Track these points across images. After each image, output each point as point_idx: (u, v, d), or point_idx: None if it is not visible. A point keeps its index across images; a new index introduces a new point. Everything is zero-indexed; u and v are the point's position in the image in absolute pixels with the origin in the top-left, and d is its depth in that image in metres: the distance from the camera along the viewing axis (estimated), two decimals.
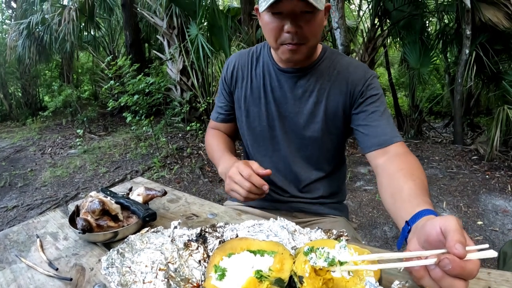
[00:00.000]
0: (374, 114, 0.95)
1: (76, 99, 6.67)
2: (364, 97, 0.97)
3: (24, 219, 3.10)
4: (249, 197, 0.84)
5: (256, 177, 0.83)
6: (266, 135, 1.09)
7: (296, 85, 1.03)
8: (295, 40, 0.88)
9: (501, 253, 1.19)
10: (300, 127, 1.04)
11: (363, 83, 0.98)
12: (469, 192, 3.17)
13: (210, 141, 1.17)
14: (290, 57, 0.93)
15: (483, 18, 3.97)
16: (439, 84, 6.66)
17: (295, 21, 0.86)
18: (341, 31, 3.83)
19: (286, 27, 0.87)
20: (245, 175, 0.83)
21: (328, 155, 1.09)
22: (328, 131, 1.03)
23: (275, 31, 0.90)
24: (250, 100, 1.09)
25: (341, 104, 1.00)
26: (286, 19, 0.86)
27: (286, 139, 1.07)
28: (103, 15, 7.11)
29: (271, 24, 0.89)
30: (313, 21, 0.87)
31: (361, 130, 0.97)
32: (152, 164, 4.26)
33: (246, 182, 0.82)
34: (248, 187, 0.82)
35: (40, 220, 0.87)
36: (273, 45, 0.95)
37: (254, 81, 1.08)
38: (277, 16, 0.87)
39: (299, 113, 1.03)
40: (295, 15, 0.85)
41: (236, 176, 0.84)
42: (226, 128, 1.21)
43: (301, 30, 0.87)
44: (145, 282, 0.52)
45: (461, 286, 0.47)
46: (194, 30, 4.65)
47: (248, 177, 0.82)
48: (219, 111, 1.19)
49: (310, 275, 0.49)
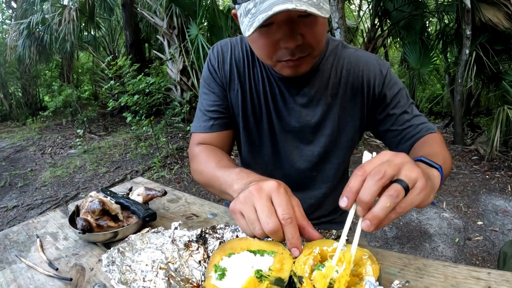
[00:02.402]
0: (402, 117, 0.84)
1: (76, 99, 6.68)
2: (387, 100, 0.84)
3: (24, 219, 3.10)
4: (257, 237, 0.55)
5: (295, 227, 0.52)
6: (267, 152, 0.94)
7: (299, 94, 0.86)
8: (297, 55, 0.69)
9: (501, 253, 1.18)
10: (306, 142, 0.90)
11: (382, 82, 0.84)
12: (469, 192, 3.17)
13: (205, 162, 0.81)
14: (293, 73, 0.75)
15: (483, 18, 3.97)
16: (439, 84, 6.66)
17: (293, 30, 0.65)
18: (341, 31, 3.83)
19: (283, 42, 0.66)
20: (281, 212, 0.52)
21: (334, 171, 0.96)
22: (337, 144, 0.90)
23: (267, 48, 0.69)
24: (249, 108, 0.89)
25: (357, 110, 0.87)
26: (280, 30, 0.65)
27: (289, 156, 0.92)
28: (103, 15, 7.12)
29: (260, 40, 0.68)
30: (316, 24, 0.67)
31: (391, 136, 0.86)
32: (152, 164, 4.26)
33: (272, 223, 0.51)
34: (271, 230, 0.51)
35: (40, 220, 0.87)
36: (268, 63, 0.76)
37: (253, 85, 0.88)
38: (267, 28, 0.66)
39: (305, 126, 0.88)
40: (292, 22, 0.64)
41: (262, 201, 0.53)
42: (222, 140, 0.91)
43: (302, 40, 0.67)
44: (146, 280, 0.52)
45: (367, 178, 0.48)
46: (194, 30, 4.65)
47: (284, 218, 0.51)
48: (212, 116, 0.89)
49: (309, 275, 0.49)
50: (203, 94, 0.93)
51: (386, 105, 0.85)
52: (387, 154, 0.51)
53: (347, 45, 0.90)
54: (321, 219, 1.04)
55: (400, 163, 0.49)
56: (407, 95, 0.87)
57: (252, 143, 0.94)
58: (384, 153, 0.51)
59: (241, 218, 0.56)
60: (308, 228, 0.55)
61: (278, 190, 0.54)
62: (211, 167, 0.78)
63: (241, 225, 0.56)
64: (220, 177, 0.73)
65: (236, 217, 0.57)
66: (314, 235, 0.55)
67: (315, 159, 0.91)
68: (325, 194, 0.99)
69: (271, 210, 0.52)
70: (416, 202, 0.49)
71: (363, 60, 0.86)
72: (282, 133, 0.91)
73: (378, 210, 0.47)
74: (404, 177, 0.48)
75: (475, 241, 2.42)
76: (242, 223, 0.56)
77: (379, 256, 0.51)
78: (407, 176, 0.48)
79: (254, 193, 0.54)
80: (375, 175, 0.47)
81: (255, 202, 0.53)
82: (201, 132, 0.91)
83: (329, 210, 1.06)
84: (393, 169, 0.48)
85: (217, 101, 0.90)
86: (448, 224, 2.66)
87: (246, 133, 0.93)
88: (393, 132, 0.86)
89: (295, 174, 0.94)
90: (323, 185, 0.98)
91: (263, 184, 0.55)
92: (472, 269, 0.58)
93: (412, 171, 0.49)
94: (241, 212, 0.55)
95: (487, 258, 2.23)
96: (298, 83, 0.85)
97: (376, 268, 0.49)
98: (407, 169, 0.49)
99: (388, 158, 0.50)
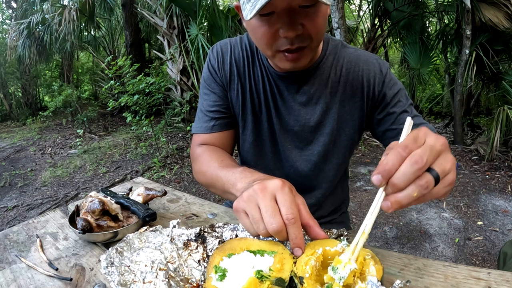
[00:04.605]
0: (402, 116, 0.83)
1: (76, 99, 6.68)
2: (387, 99, 0.84)
3: (24, 219, 3.10)
4: (260, 235, 0.55)
5: (299, 228, 0.52)
6: (267, 152, 0.94)
7: (299, 92, 0.86)
8: (296, 44, 0.69)
9: (501, 253, 1.18)
10: (306, 142, 0.90)
11: (382, 82, 0.84)
12: (469, 192, 3.17)
13: (208, 162, 0.81)
14: (291, 67, 0.74)
15: (483, 18, 3.97)
16: (439, 84, 6.66)
17: (294, 20, 0.65)
18: (341, 31, 3.82)
19: (282, 32, 0.67)
20: (285, 212, 0.51)
21: (334, 171, 0.95)
22: (337, 143, 0.90)
23: (267, 37, 0.69)
24: (249, 108, 0.89)
25: (356, 109, 0.86)
26: (280, 20, 0.66)
27: (289, 156, 0.92)
28: (103, 15, 7.12)
29: (260, 28, 0.69)
30: (317, 15, 0.67)
31: (391, 135, 0.85)
32: (152, 164, 4.26)
33: (276, 223, 0.50)
34: (275, 230, 0.51)
35: (40, 220, 0.87)
36: (267, 53, 0.75)
37: (253, 84, 0.88)
38: (269, 17, 0.67)
39: (304, 125, 0.88)
40: (293, 12, 0.65)
41: (266, 200, 0.52)
42: (224, 140, 0.92)
43: (302, 30, 0.67)
44: (145, 282, 0.52)
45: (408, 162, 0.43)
46: (194, 30, 4.65)
47: (287, 218, 0.51)
48: (213, 117, 0.89)
49: (310, 276, 0.49)
50: (203, 94, 0.92)
51: (386, 104, 0.85)
52: (430, 135, 0.47)
53: (347, 45, 0.90)
54: (321, 220, 1.04)
55: (440, 150, 0.46)
56: (406, 96, 0.87)
57: (252, 142, 0.93)
58: (426, 132, 0.47)
59: (245, 217, 0.55)
60: (315, 227, 0.55)
61: (283, 189, 0.54)
62: (214, 167, 0.78)
63: (245, 224, 0.55)
64: (223, 177, 0.72)
65: (240, 216, 0.56)
66: (320, 234, 0.55)
67: (315, 159, 0.91)
68: (325, 194, 0.99)
69: (275, 210, 0.51)
70: (440, 194, 0.47)
71: (363, 59, 0.86)
72: (281, 133, 0.90)
73: (403, 197, 0.44)
74: (439, 167, 0.45)
75: (475, 241, 2.42)
76: (246, 222, 0.55)
77: (379, 256, 0.51)
78: (441, 166, 0.45)
79: (258, 192, 0.54)
80: (416, 163, 0.43)
81: (259, 201, 0.53)
82: (202, 133, 0.91)
83: (329, 211, 1.05)
84: (434, 157, 0.45)
85: (217, 101, 0.90)
86: (448, 224, 2.66)
87: (246, 132, 0.93)
88: (392, 131, 0.85)
89: (295, 174, 0.93)
90: (323, 185, 0.97)
91: (268, 183, 0.55)
92: (472, 269, 0.58)
93: (447, 162, 0.46)
94: (245, 211, 0.55)
95: (487, 258, 2.23)
96: (297, 81, 0.85)
97: (380, 268, 0.49)
98: (443, 158, 0.46)
99: (432, 142, 0.46)
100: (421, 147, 0.45)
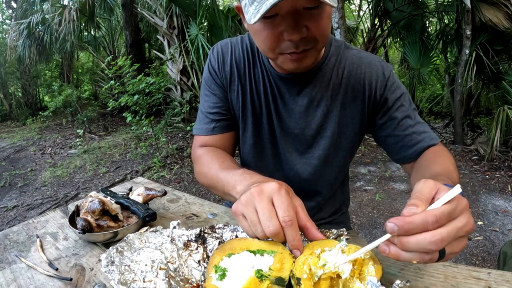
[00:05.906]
0: (404, 121, 0.81)
1: (76, 99, 6.68)
2: (388, 103, 0.82)
3: (24, 219, 3.10)
4: (258, 238, 0.56)
5: (296, 230, 0.52)
6: (267, 154, 0.93)
7: (300, 94, 0.84)
8: (301, 47, 0.67)
9: (501, 253, 1.18)
10: (306, 145, 0.89)
11: (384, 85, 0.82)
12: (469, 192, 3.17)
13: (208, 164, 0.81)
14: (295, 67, 0.72)
15: (483, 18, 3.98)
16: (439, 84, 6.67)
17: (298, 23, 0.64)
18: (341, 31, 3.83)
19: (287, 34, 0.65)
20: (281, 215, 0.52)
21: (335, 174, 0.95)
22: (338, 147, 0.89)
23: (270, 40, 0.67)
24: (249, 109, 0.88)
25: (357, 113, 0.84)
26: (284, 22, 0.64)
27: (289, 159, 0.91)
28: (103, 15, 7.12)
29: (264, 31, 0.67)
30: (321, 16, 0.65)
31: (392, 142, 0.84)
32: (152, 164, 4.26)
33: (273, 225, 0.51)
34: (272, 232, 0.51)
35: (40, 220, 0.87)
36: (269, 56, 0.73)
37: (253, 85, 0.87)
38: (272, 19, 0.65)
39: (305, 128, 0.86)
40: (297, 14, 0.63)
41: (263, 204, 0.53)
42: (224, 142, 0.91)
43: (307, 33, 0.65)
44: (145, 281, 0.52)
45: (428, 237, 0.41)
46: (194, 30, 4.65)
47: (284, 220, 0.51)
48: (214, 118, 0.89)
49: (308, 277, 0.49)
50: (204, 96, 0.92)
51: (387, 109, 0.83)
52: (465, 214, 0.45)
53: (350, 46, 0.88)
54: (322, 221, 1.03)
55: (465, 232, 0.44)
56: (410, 100, 0.85)
57: (252, 144, 0.92)
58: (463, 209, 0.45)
59: (243, 220, 0.56)
60: (312, 229, 0.55)
61: (279, 191, 0.54)
62: (214, 169, 0.78)
63: (244, 227, 0.57)
64: (223, 179, 0.72)
65: (238, 219, 0.57)
66: (318, 236, 0.55)
67: (316, 162, 0.90)
68: (326, 197, 0.98)
69: (272, 213, 0.52)
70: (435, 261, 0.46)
71: (365, 61, 0.84)
72: (282, 135, 0.89)
73: (403, 256, 0.44)
74: (450, 248, 0.45)
75: (475, 241, 2.42)
76: (244, 225, 0.56)
77: (379, 256, 0.51)
78: (452, 247, 0.45)
79: (255, 195, 0.54)
80: (434, 244, 0.42)
81: (256, 205, 0.53)
82: (203, 134, 0.90)
83: (330, 213, 1.05)
84: (452, 240, 0.43)
85: (218, 103, 0.89)
86: None
87: (246, 134, 0.92)
88: (394, 137, 0.83)
89: (295, 177, 0.92)
90: (324, 188, 0.96)
91: (264, 186, 0.55)
92: (472, 269, 0.58)
93: (459, 246, 0.45)
94: (243, 214, 0.55)
95: (487, 258, 2.23)
96: (299, 82, 0.83)
97: (379, 268, 0.49)
98: (460, 240, 0.45)
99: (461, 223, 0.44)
100: (448, 228, 0.43)
